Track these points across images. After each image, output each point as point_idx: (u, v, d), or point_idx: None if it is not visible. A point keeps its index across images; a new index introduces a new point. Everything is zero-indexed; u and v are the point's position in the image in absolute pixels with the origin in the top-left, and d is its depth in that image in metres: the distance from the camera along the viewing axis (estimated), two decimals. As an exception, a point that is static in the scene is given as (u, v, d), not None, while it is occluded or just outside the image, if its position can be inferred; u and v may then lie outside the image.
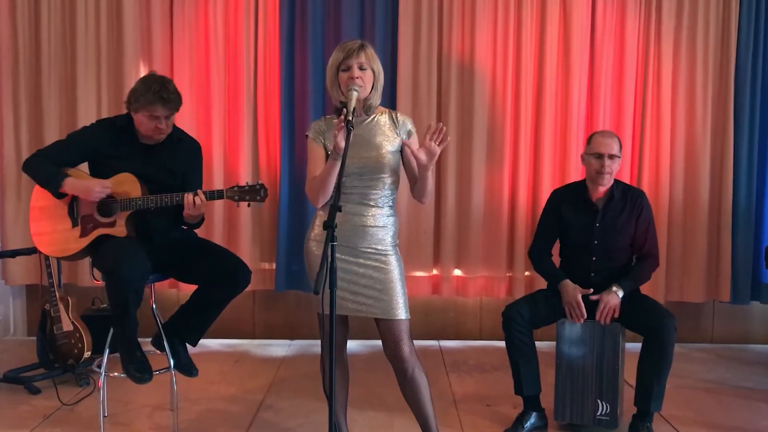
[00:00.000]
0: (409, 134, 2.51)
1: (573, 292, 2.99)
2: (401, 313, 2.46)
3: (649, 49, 4.24)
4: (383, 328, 2.47)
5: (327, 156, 2.45)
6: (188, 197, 2.76)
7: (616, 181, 3.11)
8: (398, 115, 2.54)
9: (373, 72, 2.44)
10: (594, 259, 3.06)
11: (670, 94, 4.25)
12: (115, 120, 3.00)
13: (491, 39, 4.23)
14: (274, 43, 4.23)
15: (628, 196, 3.09)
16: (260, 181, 2.83)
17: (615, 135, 3.11)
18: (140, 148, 2.94)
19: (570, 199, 3.15)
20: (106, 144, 2.91)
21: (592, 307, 2.99)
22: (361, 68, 2.40)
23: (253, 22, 4.21)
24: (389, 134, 2.49)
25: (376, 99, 2.49)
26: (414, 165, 2.43)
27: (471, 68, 4.24)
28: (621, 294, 2.97)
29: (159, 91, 2.81)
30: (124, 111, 2.96)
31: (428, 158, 2.35)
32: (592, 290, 3.00)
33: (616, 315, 2.96)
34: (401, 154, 2.50)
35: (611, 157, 3.02)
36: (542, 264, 3.19)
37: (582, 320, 2.99)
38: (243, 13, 4.19)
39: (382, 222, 2.48)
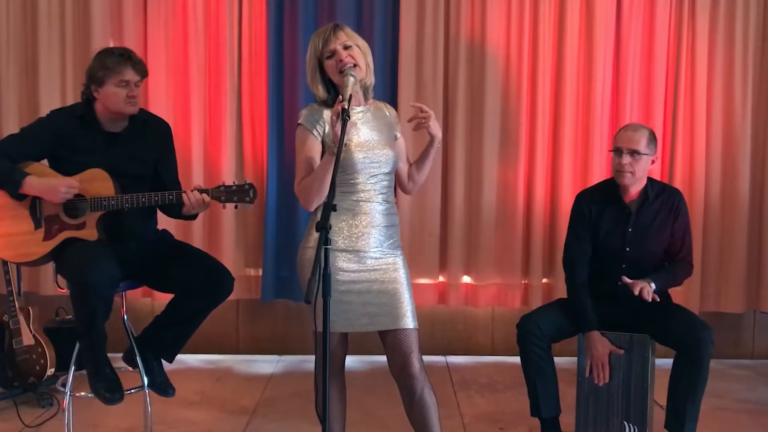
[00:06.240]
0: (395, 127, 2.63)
1: (603, 350, 2.97)
2: (410, 321, 2.46)
3: (681, 28, 4.22)
4: (391, 340, 2.46)
5: (323, 151, 2.45)
6: (194, 195, 2.76)
7: (649, 179, 3.09)
8: (387, 107, 2.64)
9: (360, 48, 2.46)
10: (624, 266, 3.04)
11: (706, 78, 4.23)
12: (73, 109, 2.97)
13: (505, 19, 4.22)
14: (260, 25, 4.22)
15: (663, 197, 3.07)
16: (248, 181, 2.85)
17: (643, 127, 3.06)
18: (105, 138, 2.92)
19: (598, 201, 3.11)
20: (67, 135, 2.88)
21: (620, 298, 2.97)
22: (345, 47, 2.42)
23: (237, -1, 4.21)
24: (389, 126, 2.59)
25: (371, 77, 2.53)
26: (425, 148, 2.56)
27: (482, 52, 4.23)
28: (654, 287, 2.93)
29: (124, 54, 2.85)
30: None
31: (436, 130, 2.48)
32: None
33: (657, 300, 2.92)
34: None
35: (633, 153, 2.96)
36: (578, 290, 3.05)
37: (604, 383, 2.98)
38: (225, -12, 4.19)
39: (391, 221, 2.53)
